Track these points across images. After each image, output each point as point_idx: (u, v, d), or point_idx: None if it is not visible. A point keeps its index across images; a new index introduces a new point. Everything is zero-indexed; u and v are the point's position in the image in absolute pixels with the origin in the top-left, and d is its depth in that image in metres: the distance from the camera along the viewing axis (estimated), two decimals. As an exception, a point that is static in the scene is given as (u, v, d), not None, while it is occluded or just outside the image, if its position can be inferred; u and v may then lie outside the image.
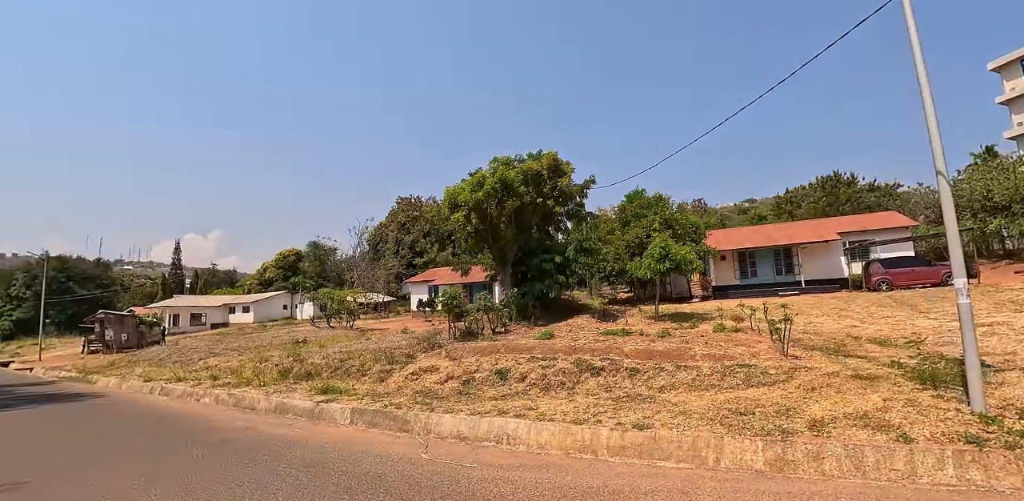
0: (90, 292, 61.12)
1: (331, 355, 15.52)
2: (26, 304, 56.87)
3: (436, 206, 67.95)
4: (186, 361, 20.96)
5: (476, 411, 8.17)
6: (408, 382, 11.82)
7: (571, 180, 20.62)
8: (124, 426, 9.03)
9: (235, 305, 53.45)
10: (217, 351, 22.87)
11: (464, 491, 4.65)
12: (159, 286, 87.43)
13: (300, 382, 13.41)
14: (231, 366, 17.59)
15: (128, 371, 19.63)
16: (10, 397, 14.22)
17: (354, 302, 29.89)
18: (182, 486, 5.06)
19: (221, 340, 30.31)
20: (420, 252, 62.80)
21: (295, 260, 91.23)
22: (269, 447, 6.70)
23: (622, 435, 6.46)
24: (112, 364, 22.93)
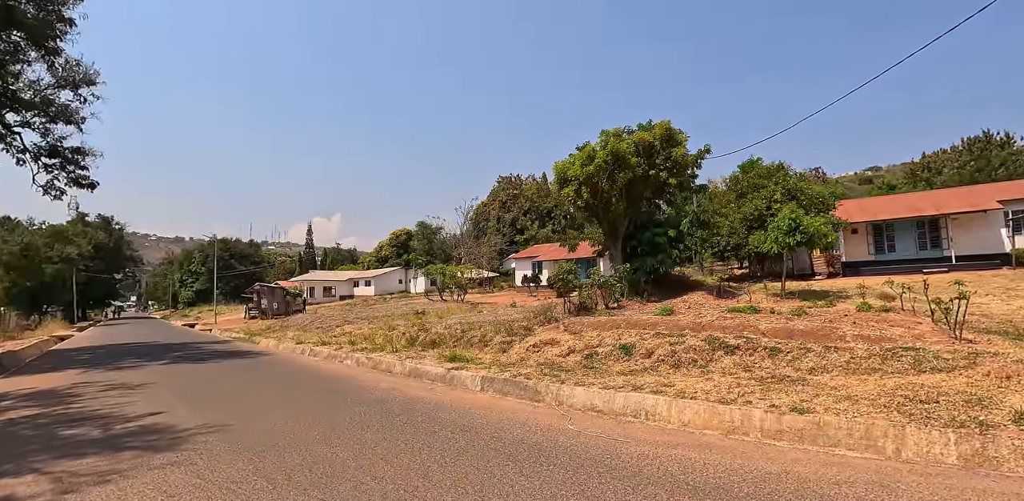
0: (246, 268, 69.51)
1: (452, 326, 16.09)
2: (202, 278, 66.25)
3: (536, 184, 67.86)
4: (326, 327, 22.89)
5: (609, 385, 7.91)
6: (530, 354, 11.88)
7: (686, 150, 19.29)
8: (290, 380, 9.98)
9: (359, 279, 57.78)
10: (350, 319, 24.77)
11: (628, 466, 4.42)
12: (297, 263, 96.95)
13: (427, 349, 14.04)
14: (364, 333, 18.91)
15: (282, 334, 21.86)
16: (202, 353, 16.47)
17: (464, 277, 30.85)
18: (355, 440, 5.38)
19: (351, 310, 32.87)
20: (520, 229, 63.36)
21: (406, 239, 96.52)
22: (419, 409, 6.97)
23: (779, 418, 5.87)
24: (268, 328, 25.72)
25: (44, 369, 13.92)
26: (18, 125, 20.77)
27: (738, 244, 22.67)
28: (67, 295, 51.98)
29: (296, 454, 4.84)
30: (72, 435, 5.89)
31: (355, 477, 4.18)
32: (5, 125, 20.52)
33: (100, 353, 18.14)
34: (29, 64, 20.36)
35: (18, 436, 6.02)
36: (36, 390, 9.86)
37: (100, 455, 4.97)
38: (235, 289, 63.57)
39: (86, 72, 21.63)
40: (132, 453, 5.02)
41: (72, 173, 21.51)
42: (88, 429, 6.17)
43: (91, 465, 4.68)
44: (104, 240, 62.70)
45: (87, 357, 16.95)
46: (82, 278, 54.68)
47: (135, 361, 14.59)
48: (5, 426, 6.67)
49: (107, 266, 63.97)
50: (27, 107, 20.46)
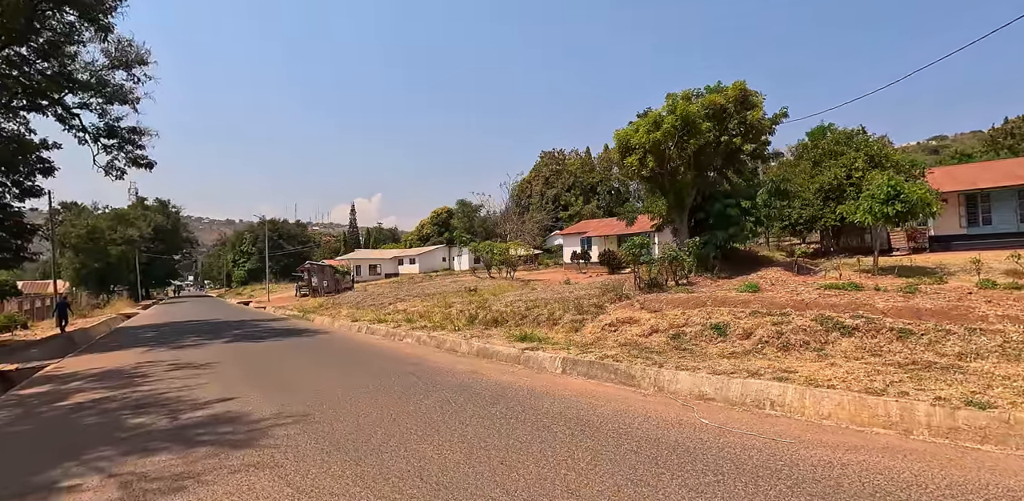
0: (294, 247, 71.01)
1: (513, 303, 15.26)
2: (253, 257, 68.10)
3: (580, 158, 65.81)
4: (378, 305, 22.53)
5: (717, 370, 6.85)
6: (606, 333, 10.91)
7: (763, 113, 17.51)
8: (357, 361, 9.36)
9: (403, 257, 57.92)
10: (401, 297, 24.35)
11: (820, 479, 3.40)
12: (341, 242, 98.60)
13: (490, 328, 13.27)
14: (419, 310, 18.35)
15: (335, 312, 21.64)
16: (261, 330, 16.26)
17: (515, 254, 29.97)
18: (458, 436, 4.54)
19: (399, 287, 32.63)
20: (564, 205, 61.85)
21: (447, 217, 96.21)
22: (511, 396, 6.12)
23: (951, 414, 4.70)
24: (321, 306, 25.67)
25: (112, 347, 13.93)
26: (77, 106, 20.82)
27: (812, 217, 20.86)
28: (131, 275, 54.24)
29: (398, 456, 4.02)
30: (140, 425, 5.31)
31: (482, 490, 3.33)
32: (65, 107, 20.59)
33: (164, 331, 18.29)
34: (84, 44, 20.24)
35: (85, 426, 5.49)
36: (104, 370, 9.58)
37: (171, 451, 4.31)
38: (284, 268, 65.14)
39: (138, 52, 21.40)
40: (207, 450, 4.35)
41: (130, 153, 21.56)
42: (156, 417, 5.61)
43: (162, 465, 4.01)
44: (162, 223, 64.95)
45: (152, 335, 17.07)
46: (144, 259, 56.89)
47: (197, 339, 14.45)
48: (72, 412, 6.21)
49: (166, 247, 66.45)
50: (84, 88, 20.41)
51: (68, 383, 8.40)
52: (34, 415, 6.22)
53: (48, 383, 8.59)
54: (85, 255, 46.68)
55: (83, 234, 46.00)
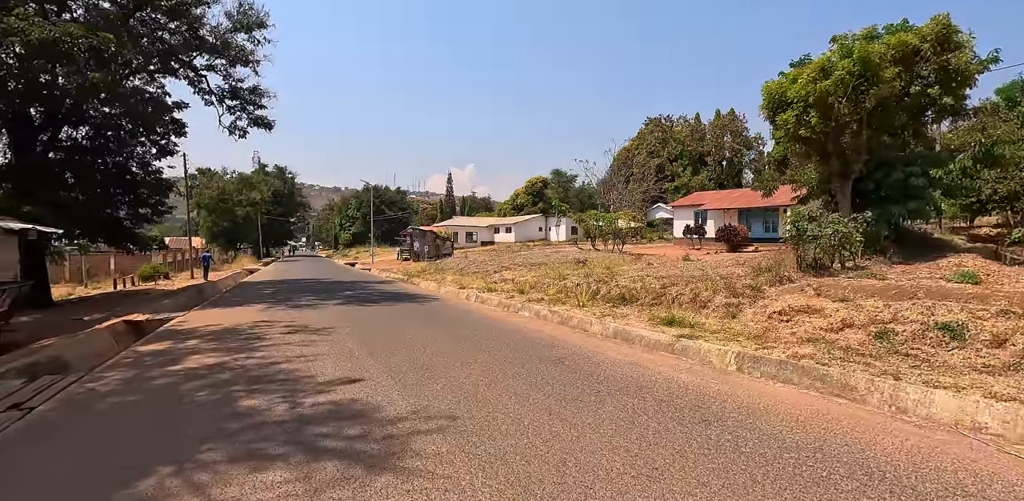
0: (394, 213, 73.51)
1: (643, 279, 13.38)
2: (357, 222, 71.56)
3: (690, 125, 60.46)
4: (482, 272, 21.56)
5: (996, 393, 4.66)
6: (775, 323, 8.73)
7: (972, 55, 13.68)
8: (479, 336, 8.03)
9: (499, 226, 57.40)
10: (505, 265, 23.24)
11: None
12: (437, 210, 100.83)
13: (618, 306, 11.55)
14: (528, 281, 17.02)
15: (440, 277, 21.00)
16: (371, 293, 15.84)
17: (627, 226, 27.68)
18: (696, 483, 2.96)
19: (498, 256, 31.74)
20: (670, 176, 57.52)
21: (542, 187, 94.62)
22: (715, 409, 4.36)
23: None
24: (424, 270, 25.34)
25: (233, 302, 14.06)
26: (204, 68, 21.36)
27: (1014, 192, 16.55)
28: (254, 234, 58.86)
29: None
30: (253, 411, 4.26)
31: None
32: (194, 68, 21.19)
33: (281, 288, 18.62)
34: (209, 6, 20.55)
35: (193, 404, 4.56)
36: (222, 328, 9.12)
37: (289, 465, 3.14)
38: (385, 233, 67.66)
39: (257, 15, 21.47)
40: (334, 469, 3.12)
41: (251, 114, 21.97)
42: (271, 399, 4.56)
43: (277, 491, 2.88)
44: (280, 188, 69.62)
45: (270, 291, 17.35)
46: (264, 220, 61.42)
47: (312, 299, 14.21)
48: (183, 380, 5.41)
49: (283, 210, 71.43)
50: (210, 51, 20.78)
51: (186, 341, 7.95)
52: (143, 381, 5.54)
53: (168, 340, 8.24)
54: (216, 215, 51.03)
55: (214, 196, 50.16)
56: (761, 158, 55.35)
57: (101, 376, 5.90)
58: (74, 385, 5.55)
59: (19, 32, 12.70)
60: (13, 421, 4.44)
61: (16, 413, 4.68)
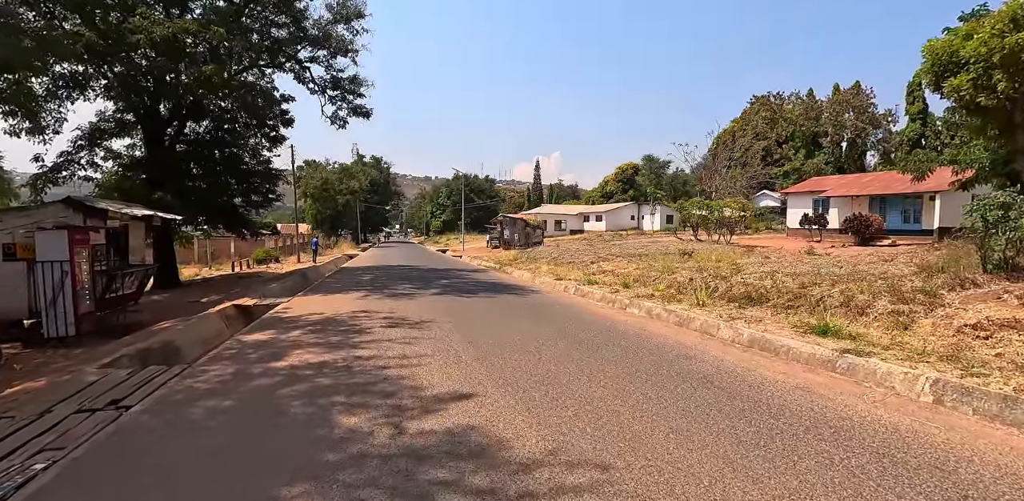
0: (483, 201, 74.08)
1: (770, 276, 11.51)
2: (447, 210, 73.08)
3: (804, 102, 54.26)
4: (578, 263, 20.34)
5: None
6: (971, 341, 6.68)
7: None
8: (596, 339, 6.86)
9: (589, 214, 55.60)
10: (602, 256, 21.83)
11: None
12: (524, 198, 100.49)
13: (745, 307, 9.90)
14: (631, 274, 15.59)
15: (534, 267, 20.10)
16: (467, 282, 15.26)
17: (735, 215, 25.05)
18: None
19: (591, 245, 30.30)
20: (779, 160, 52.24)
21: (632, 173, 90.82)
22: (956, 472, 2.98)
23: None
24: (515, 259, 24.61)
25: (334, 289, 14.06)
26: (307, 60, 21.89)
27: None
28: (353, 221, 61.97)
29: None
30: (351, 436, 3.52)
31: None
32: (298, 61, 21.78)
33: (379, 275, 18.70)
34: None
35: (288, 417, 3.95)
36: (323, 317, 8.76)
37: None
38: (474, 220, 68.36)
39: (356, 5, 21.61)
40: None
41: (351, 103, 22.31)
42: (373, 417, 3.78)
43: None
44: (377, 177, 72.67)
45: (368, 278, 17.41)
46: (362, 208, 64.44)
47: (409, 287, 13.85)
48: (281, 384, 4.86)
49: (379, 199, 74.65)
50: (313, 43, 21.21)
51: (289, 332, 7.61)
52: (241, 380, 5.05)
53: (271, 328, 7.98)
54: (320, 203, 54.14)
55: (318, 185, 53.18)
56: (891, 137, 48.41)
57: (203, 371, 5.54)
58: (174, 380, 5.21)
59: (143, 30, 13.36)
60: (105, 424, 4.04)
61: (112, 413, 4.32)
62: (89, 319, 9.24)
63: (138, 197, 16.09)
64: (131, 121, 17.62)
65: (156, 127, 17.53)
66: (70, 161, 16.14)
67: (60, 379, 5.49)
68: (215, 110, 18.93)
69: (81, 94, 15.79)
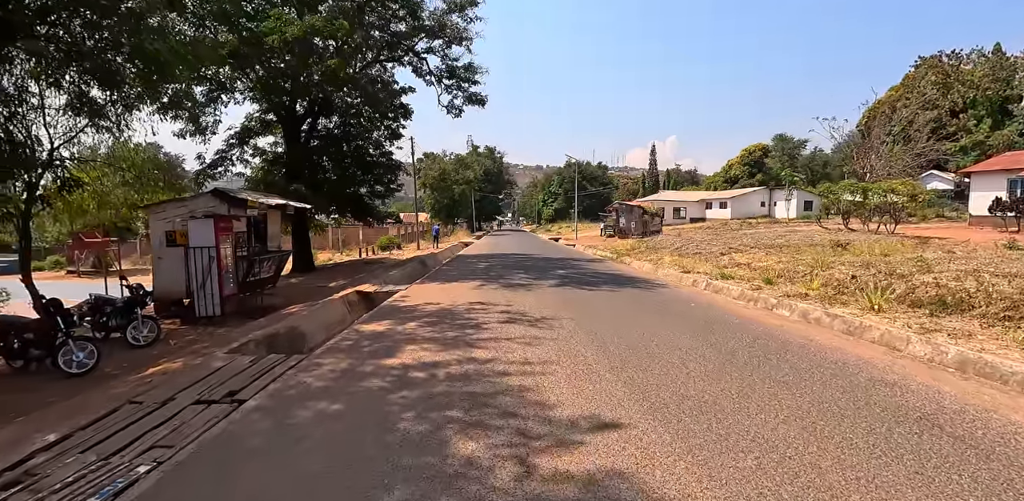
0: (595, 189, 72.05)
1: (973, 275, 8.99)
2: (559, 198, 72.24)
3: (988, 60, 44.39)
4: (706, 254, 18.29)
5: None
6: None
7: None
8: (748, 347, 5.50)
9: (711, 201, 51.30)
10: (733, 246, 19.49)
11: None
12: (639, 185, 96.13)
13: (938, 315, 7.70)
14: (773, 267, 13.47)
15: (655, 258, 18.48)
16: (585, 274, 14.26)
17: (902, 198, 20.91)
18: None
19: (717, 234, 27.50)
20: (953, 134, 43.51)
21: (761, 155, 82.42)
22: None
23: None
24: (633, 248, 23.01)
25: (451, 277, 13.89)
26: (424, 52, 22.12)
27: None
28: (468, 210, 63.70)
29: None
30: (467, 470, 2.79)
31: None
32: (416, 53, 22.08)
33: (494, 263, 18.41)
34: (427, -11, 21.00)
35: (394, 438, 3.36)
36: (439, 309, 8.36)
37: None
38: (587, 208, 66.72)
39: (468, -7, 21.33)
40: None
41: (466, 91, 22.24)
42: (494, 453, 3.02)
43: None
44: (490, 167, 73.89)
45: (483, 266, 17.16)
46: (476, 197, 65.97)
47: (524, 277, 13.22)
48: (393, 387, 4.36)
49: (493, 188, 75.94)
50: (429, 34, 21.32)
51: (405, 323, 7.26)
52: (353, 379, 4.62)
53: (388, 318, 7.72)
54: (438, 193, 56.27)
55: (436, 176, 55.26)
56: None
57: (317, 363, 5.26)
58: (290, 372, 4.96)
59: (276, 31, 14.08)
60: (216, 420, 3.78)
61: (226, 407, 4.09)
62: (232, 300, 9.86)
63: (278, 189, 17.40)
64: (273, 120, 19.09)
65: (293, 125, 18.79)
66: (224, 158, 17.87)
67: (193, 362, 5.57)
68: (342, 105, 19.84)
69: (231, 97, 17.37)
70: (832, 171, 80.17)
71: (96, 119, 11.14)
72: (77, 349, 6.85)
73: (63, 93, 9.73)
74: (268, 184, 18.15)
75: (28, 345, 7.07)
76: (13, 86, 8.86)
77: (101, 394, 4.67)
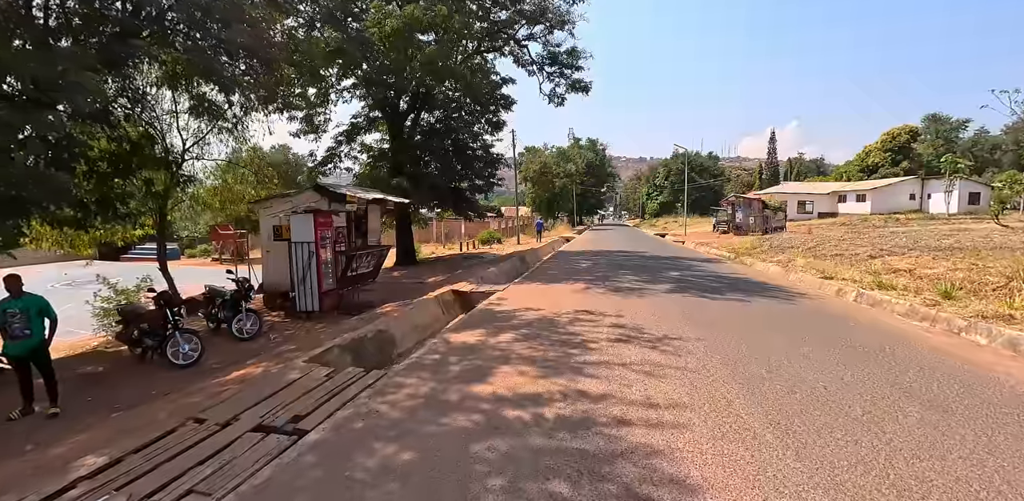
0: (704, 181, 66.75)
1: None
2: (665, 191, 68.00)
3: None
4: (848, 256, 15.42)
5: None
6: None
7: None
8: (965, 399, 3.81)
9: (846, 193, 44.89)
10: (884, 247, 16.33)
11: None
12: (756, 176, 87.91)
13: None
14: (948, 276, 10.72)
15: (781, 258, 15.96)
16: (703, 276, 12.42)
17: None
18: None
19: (856, 232, 23.55)
20: None
21: (908, 139, 71.38)
22: None
23: None
24: (754, 247, 20.31)
25: (551, 276, 12.85)
26: (525, 39, 21.15)
27: None
28: (569, 204, 62.26)
29: None
30: None
31: None
32: (516, 41, 21.18)
33: (598, 261, 17.09)
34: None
35: None
36: (539, 317, 7.33)
37: None
38: (695, 202, 62.11)
39: (570, -29, 19.94)
40: None
41: (569, 78, 20.97)
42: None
43: None
44: (592, 159, 71.56)
45: (586, 265, 15.92)
46: (578, 190, 64.26)
47: (633, 280, 11.81)
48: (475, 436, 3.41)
49: (595, 181, 73.59)
50: (530, 19, 20.29)
51: (499, 334, 6.35)
52: (433, 411, 3.72)
53: (482, 326, 6.86)
54: (538, 186, 55.54)
55: (537, 169, 54.51)
56: None
57: (396, 384, 4.49)
58: (365, 393, 4.25)
59: (376, 24, 13.93)
60: (268, 459, 3.12)
61: (284, 440, 3.42)
62: (331, 296, 9.71)
63: (383, 184, 17.58)
64: (378, 117, 19.33)
65: (397, 120, 18.87)
66: (333, 155, 18.40)
67: (271, 370, 5.12)
68: (443, 99, 19.58)
69: (339, 97, 17.82)
70: (1002, 157, 66.63)
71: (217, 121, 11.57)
72: (184, 341, 6.89)
73: (187, 97, 10.13)
74: (375, 179, 18.43)
75: (144, 334, 7.27)
76: (142, 88, 9.35)
77: (168, 406, 4.30)
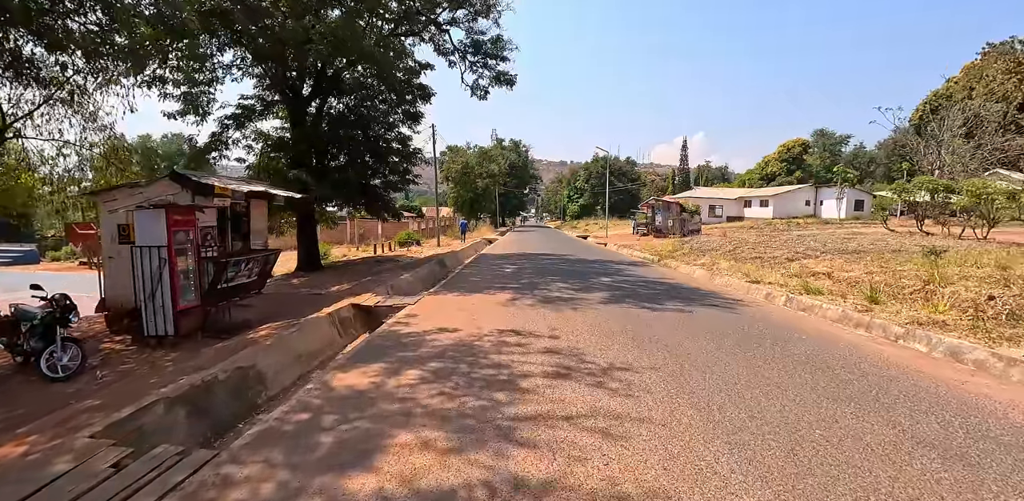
0: (623, 185, 68.69)
1: None
2: (585, 194, 69.08)
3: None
4: (767, 259, 15.53)
5: None
6: None
7: None
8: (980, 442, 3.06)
9: (751, 199, 47.82)
10: (799, 250, 16.70)
11: None
12: (668, 182, 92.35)
13: None
14: (868, 280, 10.74)
15: (704, 261, 15.80)
16: (637, 283, 11.57)
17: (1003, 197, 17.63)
18: None
19: (768, 236, 24.51)
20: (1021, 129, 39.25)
21: (800, 151, 78.15)
22: None
23: None
24: (676, 250, 20.25)
25: (472, 285, 11.46)
26: (447, 23, 19.63)
27: None
28: (491, 205, 61.19)
29: None
30: None
31: None
32: (437, 24, 19.62)
33: (523, 266, 15.94)
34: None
35: None
36: (455, 342, 5.87)
37: None
38: (613, 205, 63.61)
39: (495, -43, 18.75)
40: None
41: (494, 69, 19.70)
42: None
43: None
44: (515, 160, 71.10)
45: (511, 270, 14.69)
46: (500, 191, 63.43)
47: (564, 288, 10.70)
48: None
49: (517, 183, 73.21)
50: (454, 5, 18.84)
51: (401, 372, 4.80)
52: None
53: (380, 360, 5.29)
54: (460, 186, 53.94)
55: (458, 169, 52.91)
56: None
57: (224, 482, 2.88)
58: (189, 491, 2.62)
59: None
60: None
61: None
62: (192, 315, 7.62)
63: (282, 177, 15.27)
64: (276, 100, 16.89)
65: (298, 105, 16.55)
66: (219, 141, 15.71)
67: (32, 455, 3.26)
68: (353, 84, 17.55)
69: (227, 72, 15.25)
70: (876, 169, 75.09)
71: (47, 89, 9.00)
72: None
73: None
74: (272, 172, 16.02)
75: None
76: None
77: None
